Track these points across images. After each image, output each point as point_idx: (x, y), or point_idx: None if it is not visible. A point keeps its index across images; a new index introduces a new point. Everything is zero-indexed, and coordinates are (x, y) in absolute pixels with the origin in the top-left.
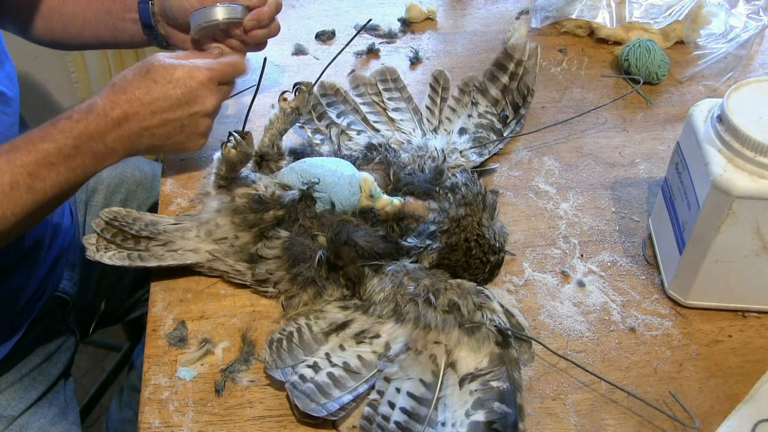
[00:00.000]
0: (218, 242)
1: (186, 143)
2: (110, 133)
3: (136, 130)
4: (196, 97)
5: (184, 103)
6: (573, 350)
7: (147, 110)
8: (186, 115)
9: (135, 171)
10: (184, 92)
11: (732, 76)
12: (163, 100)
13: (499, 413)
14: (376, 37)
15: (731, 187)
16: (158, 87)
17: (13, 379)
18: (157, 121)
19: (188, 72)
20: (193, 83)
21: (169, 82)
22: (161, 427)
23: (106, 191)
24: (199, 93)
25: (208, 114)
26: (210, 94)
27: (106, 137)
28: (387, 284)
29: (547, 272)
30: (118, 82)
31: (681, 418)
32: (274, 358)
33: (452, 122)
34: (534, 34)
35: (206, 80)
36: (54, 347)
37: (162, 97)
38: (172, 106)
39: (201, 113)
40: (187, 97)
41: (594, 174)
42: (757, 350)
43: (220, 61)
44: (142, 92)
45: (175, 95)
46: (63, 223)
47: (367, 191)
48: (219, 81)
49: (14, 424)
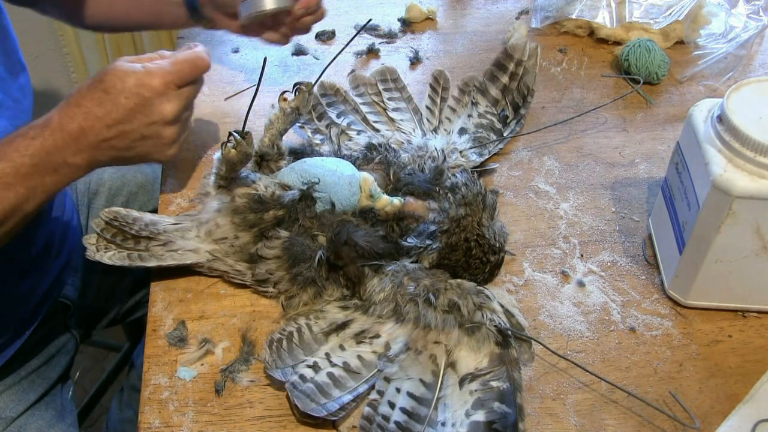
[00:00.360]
0: (218, 242)
1: (152, 154)
2: (68, 148)
3: (94, 144)
4: (150, 106)
5: (138, 113)
6: (573, 350)
7: (102, 123)
8: (143, 125)
9: (137, 174)
10: (137, 102)
11: (732, 76)
12: (116, 112)
13: (499, 413)
14: (376, 37)
15: (731, 187)
16: (110, 98)
17: (11, 382)
18: (113, 133)
19: (140, 79)
20: (145, 91)
21: (120, 92)
22: (161, 427)
23: (107, 194)
24: (154, 101)
25: (168, 122)
26: (167, 101)
27: (65, 152)
28: (387, 284)
29: (547, 272)
30: (73, 95)
31: (681, 418)
32: (274, 358)
33: (452, 122)
34: (534, 34)
35: (160, 86)
36: (54, 350)
37: (114, 109)
38: (127, 117)
39: (160, 122)
40: (141, 107)
41: (594, 174)
42: (757, 350)
43: (176, 61)
44: (94, 104)
45: (129, 106)
46: (69, 228)
47: (367, 191)
48: (177, 84)
49: (12, 425)
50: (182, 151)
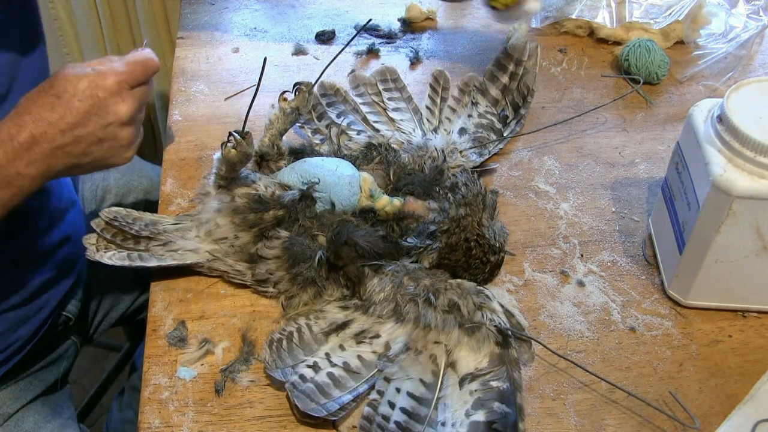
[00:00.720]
0: (218, 242)
1: (110, 158)
2: (20, 159)
3: (48, 152)
4: (105, 107)
5: (93, 115)
6: (573, 350)
7: (55, 129)
8: (99, 127)
9: (142, 179)
10: (92, 104)
11: (732, 76)
12: (69, 116)
13: (499, 413)
14: (376, 37)
15: (731, 187)
16: (62, 102)
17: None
18: (68, 139)
19: (93, 81)
20: (100, 92)
21: (73, 96)
22: (161, 427)
23: (114, 200)
24: (109, 102)
25: (124, 123)
26: (121, 101)
27: (17, 164)
28: (387, 284)
29: (547, 272)
30: (22, 103)
31: (681, 418)
32: (274, 358)
33: (452, 122)
34: (534, 34)
35: (114, 87)
36: (55, 356)
37: (68, 113)
38: (81, 120)
39: (116, 123)
40: (96, 108)
41: (594, 174)
42: (757, 350)
43: (128, 62)
44: (46, 110)
45: (83, 108)
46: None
47: (367, 191)
48: (130, 84)
49: (10, 421)
50: (182, 151)
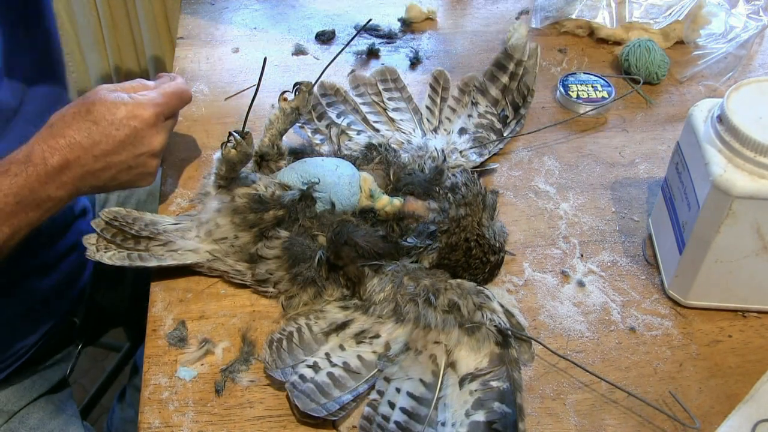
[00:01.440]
0: (218, 242)
1: (133, 183)
2: (52, 183)
3: (78, 176)
4: (142, 138)
5: (129, 144)
6: (573, 350)
7: (89, 155)
8: (132, 156)
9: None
10: (128, 134)
11: (732, 76)
12: (105, 144)
13: (499, 413)
14: (376, 37)
15: (731, 187)
16: (99, 129)
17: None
18: (101, 165)
19: (132, 111)
20: (137, 123)
21: (111, 124)
22: (161, 427)
23: (116, 202)
24: (146, 134)
25: (155, 154)
26: (156, 133)
27: (48, 187)
28: (387, 284)
29: (547, 272)
30: (56, 124)
31: (681, 418)
32: (274, 358)
33: (452, 122)
34: (534, 34)
35: (152, 118)
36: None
37: (104, 140)
38: (116, 148)
39: (148, 154)
40: (132, 138)
41: (594, 174)
42: (757, 350)
43: (166, 93)
44: (82, 136)
45: (119, 137)
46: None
47: (367, 191)
48: (166, 115)
49: (14, 418)
50: (182, 151)
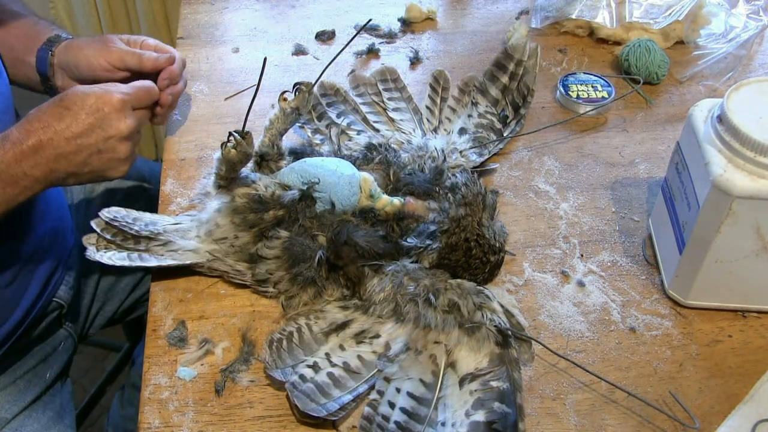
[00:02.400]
0: (218, 242)
1: (107, 170)
2: (26, 161)
3: (52, 157)
4: (109, 121)
5: (97, 127)
6: (573, 350)
7: (61, 137)
8: (101, 139)
9: (133, 171)
10: (97, 117)
11: (732, 76)
12: (75, 126)
13: (499, 413)
14: (376, 37)
15: (731, 187)
16: (71, 114)
17: (6, 382)
18: (72, 147)
19: (100, 97)
20: (105, 107)
21: (81, 109)
22: (161, 427)
23: (104, 192)
24: (112, 117)
25: (124, 137)
26: (124, 117)
27: (23, 164)
28: (387, 284)
29: (547, 272)
30: (32, 114)
31: (681, 418)
32: (274, 358)
33: (452, 122)
34: (534, 34)
35: (118, 104)
36: (50, 349)
37: (74, 123)
38: (86, 131)
39: (116, 137)
40: (100, 121)
41: (594, 174)
42: (757, 350)
43: (133, 86)
44: (54, 119)
45: (88, 121)
46: (61, 225)
47: (367, 191)
48: (133, 105)
49: (7, 427)
50: (182, 151)
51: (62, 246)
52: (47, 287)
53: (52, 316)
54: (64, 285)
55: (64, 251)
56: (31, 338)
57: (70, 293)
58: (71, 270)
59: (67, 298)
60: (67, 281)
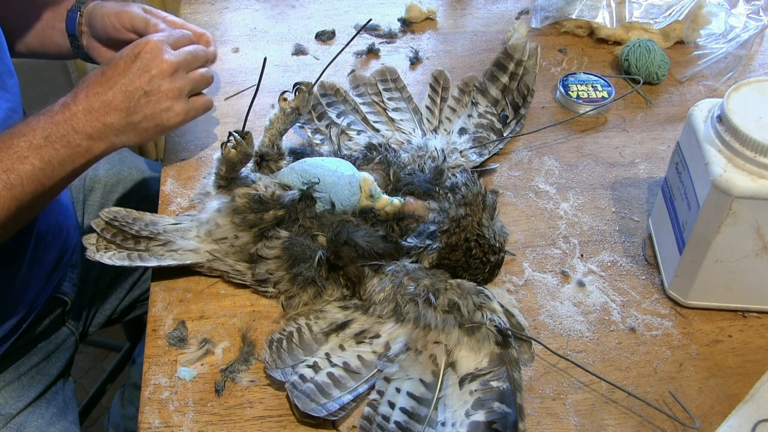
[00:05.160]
0: (218, 242)
1: (160, 114)
2: (75, 118)
3: (102, 109)
4: (148, 61)
5: (139, 69)
6: (573, 350)
7: (106, 88)
8: (145, 81)
9: (132, 170)
10: (134, 59)
11: (732, 76)
12: (118, 75)
13: (499, 413)
14: (376, 37)
15: (731, 187)
16: (111, 66)
17: (11, 378)
18: (119, 95)
19: (137, 44)
20: (140, 49)
21: (121, 58)
22: (161, 427)
23: (102, 190)
24: (151, 56)
25: (166, 74)
26: (162, 53)
27: (74, 121)
28: (387, 284)
29: (547, 272)
30: (80, 82)
31: (681, 418)
32: (274, 358)
33: (452, 122)
34: (534, 34)
35: (157, 44)
36: (53, 347)
37: (116, 73)
38: (129, 75)
39: (159, 75)
40: (139, 63)
41: (594, 174)
42: (757, 350)
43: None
44: (96, 75)
45: (126, 65)
46: (65, 222)
47: (367, 191)
48: (170, 43)
49: (12, 423)
50: (182, 151)
51: (66, 242)
52: (50, 283)
53: (55, 313)
54: (68, 281)
55: (68, 247)
56: (34, 335)
57: (74, 290)
58: (75, 267)
59: (71, 294)
60: (70, 278)
